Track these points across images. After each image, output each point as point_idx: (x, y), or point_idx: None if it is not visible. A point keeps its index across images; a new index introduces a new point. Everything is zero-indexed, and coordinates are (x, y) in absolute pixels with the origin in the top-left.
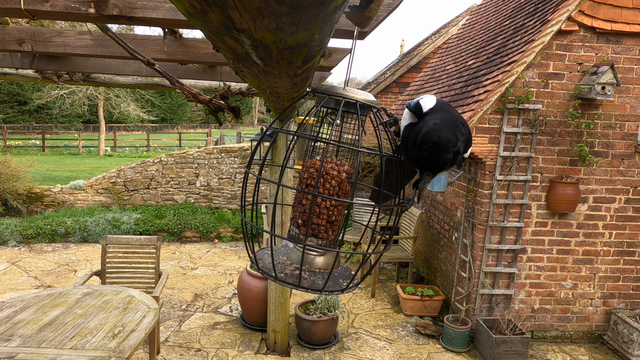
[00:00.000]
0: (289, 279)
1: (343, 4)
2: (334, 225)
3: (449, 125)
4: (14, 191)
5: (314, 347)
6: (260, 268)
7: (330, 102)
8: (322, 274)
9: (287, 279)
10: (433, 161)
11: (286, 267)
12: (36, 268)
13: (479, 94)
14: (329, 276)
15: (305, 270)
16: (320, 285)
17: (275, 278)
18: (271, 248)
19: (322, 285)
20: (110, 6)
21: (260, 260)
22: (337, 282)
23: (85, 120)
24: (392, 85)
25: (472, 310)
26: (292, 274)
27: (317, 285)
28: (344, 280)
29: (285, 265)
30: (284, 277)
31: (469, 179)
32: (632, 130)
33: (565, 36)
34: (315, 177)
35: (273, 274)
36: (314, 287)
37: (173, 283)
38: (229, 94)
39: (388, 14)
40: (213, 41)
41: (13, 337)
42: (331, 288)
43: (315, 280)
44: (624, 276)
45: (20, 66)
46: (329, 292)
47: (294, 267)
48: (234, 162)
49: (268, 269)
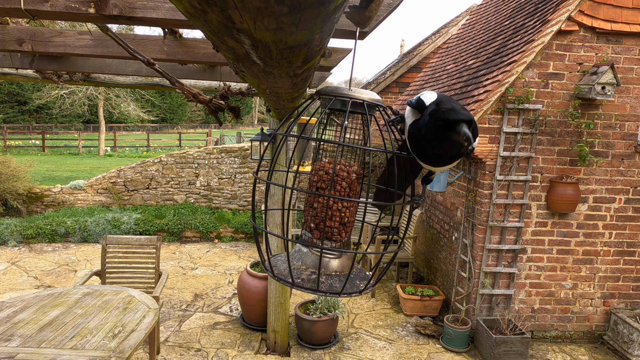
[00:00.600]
0: (306, 284)
1: (343, 4)
2: (347, 227)
3: (452, 102)
4: (14, 191)
5: (314, 347)
6: (275, 275)
7: (336, 104)
8: (338, 276)
9: (304, 284)
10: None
11: (302, 272)
12: (36, 268)
13: (479, 94)
14: (347, 278)
15: (322, 274)
16: (338, 288)
17: (292, 284)
18: (287, 254)
19: (340, 288)
20: (110, 6)
21: (274, 267)
22: (354, 284)
23: (85, 120)
24: (392, 85)
25: (472, 310)
26: (308, 278)
27: (335, 288)
28: (360, 282)
29: (301, 270)
30: (301, 282)
31: (469, 179)
32: (632, 130)
33: (565, 36)
34: (325, 179)
35: (290, 280)
36: (332, 290)
37: (173, 283)
38: (229, 94)
39: (388, 14)
40: (213, 41)
41: (13, 337)
42: (350, 290)
43: (332, 283)
44: (624, 276)
45: (20, 66)
46: (348, 295)
47: (310, 272)
48: (234, 162)
49: (284, 275)
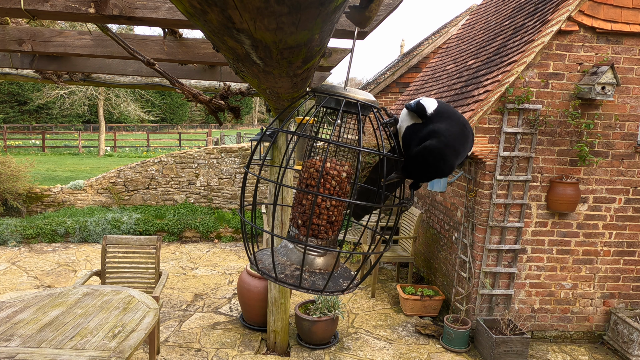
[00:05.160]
0: (289, 280)
1: (343, 4)
2: (334, 225)
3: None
4: (14, 191)
5: (314, 347)
6: (260, 269)
7: (330, 102)
8: (322, 274)
9: (287, 279)
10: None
11: (286, 267)
12: (36, 268)
13: (479, 94)
14: (330, 277)
15: (306, 271)
16: (321, 285)
17: (275, 279)
18: (272, 249)
19: (322, 286)
20: (110, 6)
21: (259, 261)
22: (338, 283)
23: (85, 120)
24: (392, 85)
25: (472, 310)
26: (292, 274)
27: (318, 285)
28: (344, 281)
29: (285, 266)
30: (284, 277)
31: (469, 179)
32: (632, 130)
33: (565, 36)
34: (315, 177)
35: (273, 274)
36: (314, 287)
37: (173, 283)
38: (229, 94)
39: (388, 14)
40: (213, 41)
41: (13, 337)
42: (332, 289)
43: (315, 281)
44: (624, 276)
45: (20, 66)
46: (330, 293)
47: (294, 268)
48: (234, 162)
49: (268, 270)
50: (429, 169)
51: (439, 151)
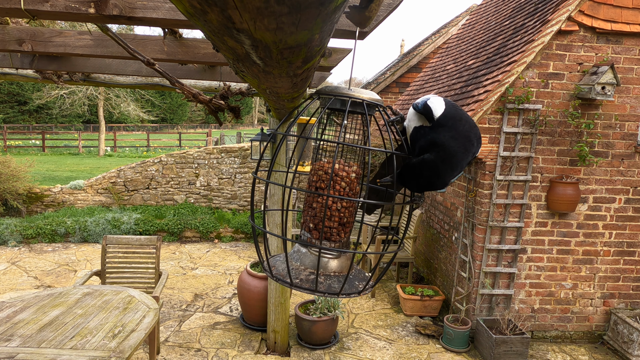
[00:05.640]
0: (305, 284)
1: (343, 4)
2: (346, 227)
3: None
4: (14, 191)
5: (314, 347)
6: (274, 275)
7: (335, 103)
8: (337, 277)
9: (303, 284)
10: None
11: (300, 272)
12: (36, 268)
13: (479, 94)
14: (346, 279)
15: (321, 275)
16: (337, 288)
17: (290, 284)
18: (285, 254)
19: (338, 288)
20: (110, 6)
21: (273, 267)
22: (353, 285)
23: (85, 120)
24: (392, 85)
25: (472, 310)
26: (307, 279)
27: (334, 288)
28: (359, 283)
29: (300, 270)
30: (299, 282)
31: (469, 179)
32: (632, 130)
33: (565, 36)
34: (325, 179)
35: (288, 280)
36: (330, 290)
37: (173, 283)
38: (229, 94)
39: (388, 14)
40: (213, 41)
41: (13, 337)
42: (348, 291)
43: (331, 284)
44: (624, 276)
45: (20, 66)
46: (346, 295)
47: (308, 272)
48: (234, 162)
49: (282, 276)
50: (421, 182)
51: (435, 166)
